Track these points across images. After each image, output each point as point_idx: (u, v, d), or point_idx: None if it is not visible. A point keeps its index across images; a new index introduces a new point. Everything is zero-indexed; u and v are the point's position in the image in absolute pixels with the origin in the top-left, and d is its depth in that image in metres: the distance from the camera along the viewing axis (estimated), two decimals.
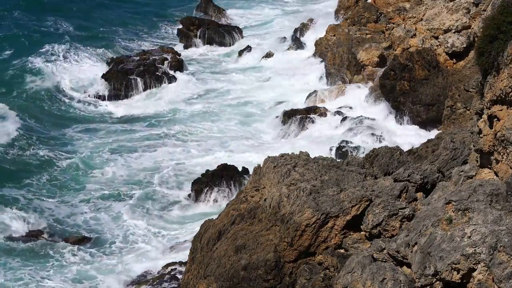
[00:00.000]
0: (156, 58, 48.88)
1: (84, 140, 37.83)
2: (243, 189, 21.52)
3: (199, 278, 19.45)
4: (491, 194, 13.76)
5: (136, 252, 27.19)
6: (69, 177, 33.36)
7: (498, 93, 15.04)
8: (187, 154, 36.03)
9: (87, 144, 37.19)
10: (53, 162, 34.79)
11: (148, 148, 36.71)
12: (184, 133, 38.86)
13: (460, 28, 38.92)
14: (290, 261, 17.71)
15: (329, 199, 17.77)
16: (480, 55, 15.79)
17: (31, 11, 61.04)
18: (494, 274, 12.53)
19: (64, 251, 26.79)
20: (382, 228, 17.02)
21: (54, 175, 33.39)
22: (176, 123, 40.41)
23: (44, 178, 32.98)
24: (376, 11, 46.99)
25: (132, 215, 29.92)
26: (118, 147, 36.89)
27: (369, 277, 14.31)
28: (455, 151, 21.01)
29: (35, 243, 27.14)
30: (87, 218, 29.85)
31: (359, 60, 42.23)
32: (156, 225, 29.31)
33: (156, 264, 26.00)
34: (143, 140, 37.86)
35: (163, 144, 37.21)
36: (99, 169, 34.25)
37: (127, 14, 64.79)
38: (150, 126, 40.15)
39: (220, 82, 47.51)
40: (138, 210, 30.40)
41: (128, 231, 28.73)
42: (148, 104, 43.81)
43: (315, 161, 20.45)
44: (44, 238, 27.69)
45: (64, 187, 32.41)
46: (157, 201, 31.25)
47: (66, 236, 28.05)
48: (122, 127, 40.04)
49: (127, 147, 36.93)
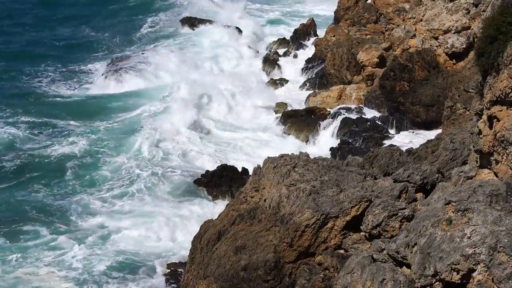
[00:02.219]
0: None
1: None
2: (243, 189, 21.52)
3: (199, 279, 19.45)
4: (491, 194, 13.76)
5: (136, 251, 27.14)
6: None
7: (497, 93, 15.04)
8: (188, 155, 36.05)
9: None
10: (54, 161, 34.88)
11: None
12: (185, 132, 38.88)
13: (460, 28, 38.96)
14: (290, 261, 17.71)
15: (329, 199, 17.77)
16: (480, 55, 15.80)
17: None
18: (494, 275, 12.53)
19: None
20: (381, 229, 17.02)
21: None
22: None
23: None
24: (376, 11, 47.05)
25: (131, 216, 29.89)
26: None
27: (369, 277, 14.31)
28: (454, 152, 21.01)
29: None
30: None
31: (359, 60, 42.26)
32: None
33: (156, 264, 25.97)
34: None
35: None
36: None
37: (126, 13, 64.94)
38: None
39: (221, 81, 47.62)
40: (137, 210, 30.37)
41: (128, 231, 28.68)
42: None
43: (315, 161, 20.46)
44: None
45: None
46: (157, 202, 31.23)
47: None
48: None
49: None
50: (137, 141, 36.36)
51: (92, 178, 32.94)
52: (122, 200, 30.81)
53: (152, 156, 35.11)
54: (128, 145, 36.32)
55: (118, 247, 27.02)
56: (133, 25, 61.98)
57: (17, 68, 49.15)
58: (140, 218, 29.22)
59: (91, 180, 32.81)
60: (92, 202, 30.55)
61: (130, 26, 61.82)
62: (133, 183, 32.25)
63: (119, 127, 39.02)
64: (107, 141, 36.84)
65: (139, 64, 47.98)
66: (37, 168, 33.61)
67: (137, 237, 27.78)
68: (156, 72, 47.27)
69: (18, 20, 62.62)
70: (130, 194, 31.35)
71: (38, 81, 46.99)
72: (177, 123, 38.98)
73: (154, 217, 28.97)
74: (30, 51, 53.74)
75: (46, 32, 59.27)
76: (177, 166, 34.31)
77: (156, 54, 50.71)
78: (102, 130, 38.53)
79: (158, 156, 35.25)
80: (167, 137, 37.30)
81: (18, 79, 47.31)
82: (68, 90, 45.96)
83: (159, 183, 32.24)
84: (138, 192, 31.41)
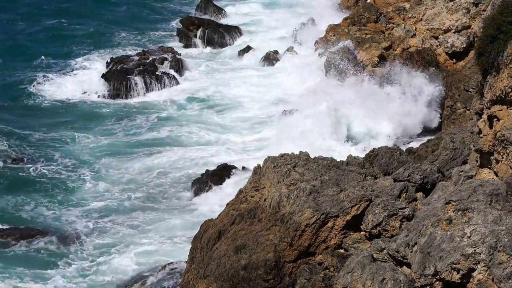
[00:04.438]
0: (155, 58, 48.88)
1: (82, 139, 37.78)
2: (243, 189, 21.51)
3: (199, 278, 19.44)
4: (491, 194, 13.76)
5: (135, 252, 27.15)
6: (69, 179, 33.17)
7: (498, 93, 15.05)
8: (188, 156, 36.01)
9: (86, 144, 37.17)
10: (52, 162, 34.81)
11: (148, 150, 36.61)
12: (185, 134, 38.83)
13: (460, 28, 38.96)
14: (290, 261, 17.71)
15: (329, 199, 17.77)
16: (480, 55, 15.81)
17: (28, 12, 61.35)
18: (494, 274, 12.53)
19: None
20: (382, 228, 17.02)
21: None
22: (176, 124, 40.38)
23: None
24: (376, 11, 46.99)
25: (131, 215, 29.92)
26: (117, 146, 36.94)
27: (369, 277, 14.31)
28: (455, 151, 21.02)
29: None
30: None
31: (359, 60, 42.23)
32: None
33: (156, 264, 25.98)
34: (143, 142, 37.84)
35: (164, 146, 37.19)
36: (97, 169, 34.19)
37: (126, 14, 64.85)
38: (152, 127, 40.10)
39: (220, 82, 47.50)
40: (137, 209, 30.40)
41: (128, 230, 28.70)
42: (149, 104, 43.85)
43: (315, 161, 20.45)
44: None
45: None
46: (157, 201, 31.25)
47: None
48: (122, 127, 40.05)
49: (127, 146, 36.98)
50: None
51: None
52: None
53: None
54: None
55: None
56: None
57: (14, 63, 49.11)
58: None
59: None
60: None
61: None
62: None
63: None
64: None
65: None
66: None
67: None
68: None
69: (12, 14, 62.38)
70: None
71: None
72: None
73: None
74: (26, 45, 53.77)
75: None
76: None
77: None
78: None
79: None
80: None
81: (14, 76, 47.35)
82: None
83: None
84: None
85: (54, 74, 47.46)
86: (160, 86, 46.05)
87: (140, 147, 36.81)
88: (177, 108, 42.95)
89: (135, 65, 47.44)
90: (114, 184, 32.48)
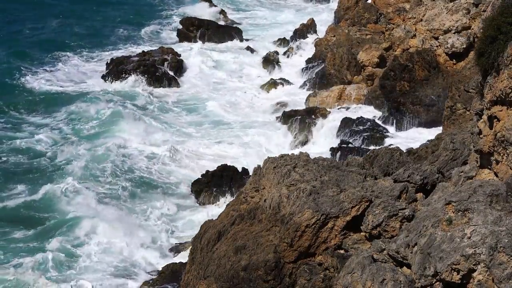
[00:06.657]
0: (156, 58, 48.89)
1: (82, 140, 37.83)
2: (243, 189, 21.51)
3: (199, 279, 19.44)
4: (491, 194, 13.76)
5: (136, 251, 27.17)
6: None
7: (498, 93, 15.04)
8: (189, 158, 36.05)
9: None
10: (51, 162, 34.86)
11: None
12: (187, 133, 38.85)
13: (460, 28, 38.96)
14: (290, 261, 17.70)
15: (329, 199, 17.76)
16: (480, 55, 15.79)
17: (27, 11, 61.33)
18: (494, 275, 12.53)
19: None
20: (382, 229, 17.02)
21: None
22: (177, 124, 40.39)
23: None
24: (376, 11, 47.07)
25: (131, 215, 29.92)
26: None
27: (369, 277, 14.30)
28: (455, 152, 21.00)
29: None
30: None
31: (359, 60, 42.24)
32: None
33: (156, 265, 25.99)
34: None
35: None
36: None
37: (126, 14, 64.89)
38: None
39: (221, 81, 47.52)
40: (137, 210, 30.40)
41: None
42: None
43: (315, 161, 20.44)
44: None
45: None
46: (156, 201, 31.25)
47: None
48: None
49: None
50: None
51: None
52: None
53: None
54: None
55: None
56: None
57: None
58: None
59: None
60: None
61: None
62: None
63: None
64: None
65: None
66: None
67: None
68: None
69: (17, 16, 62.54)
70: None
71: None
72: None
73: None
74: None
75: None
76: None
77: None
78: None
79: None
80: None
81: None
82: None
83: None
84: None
85: (54, 74, 47.47)
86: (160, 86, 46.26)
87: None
88: (178, 109, 43.09)
89: (135, 65, 47.49)
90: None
